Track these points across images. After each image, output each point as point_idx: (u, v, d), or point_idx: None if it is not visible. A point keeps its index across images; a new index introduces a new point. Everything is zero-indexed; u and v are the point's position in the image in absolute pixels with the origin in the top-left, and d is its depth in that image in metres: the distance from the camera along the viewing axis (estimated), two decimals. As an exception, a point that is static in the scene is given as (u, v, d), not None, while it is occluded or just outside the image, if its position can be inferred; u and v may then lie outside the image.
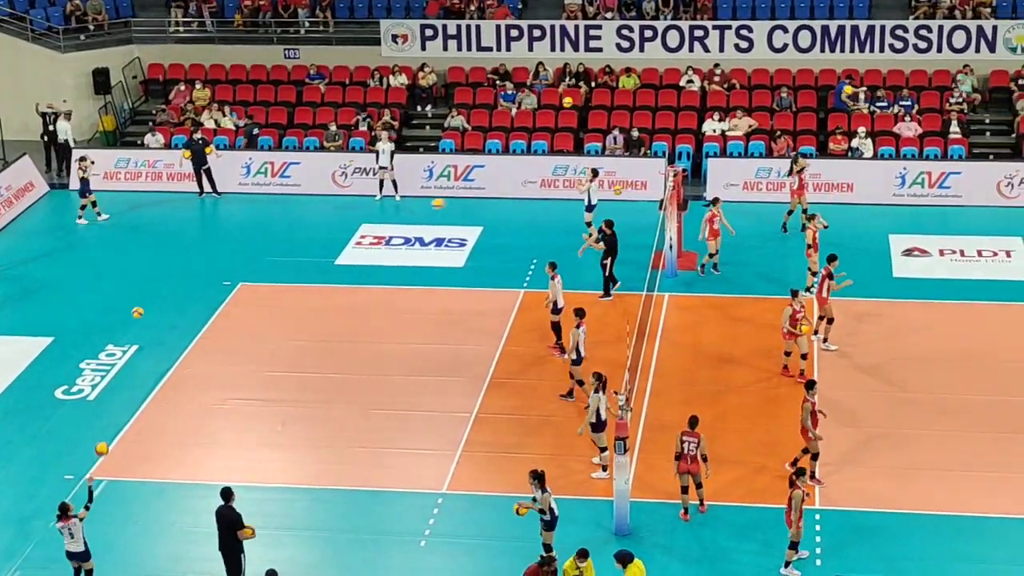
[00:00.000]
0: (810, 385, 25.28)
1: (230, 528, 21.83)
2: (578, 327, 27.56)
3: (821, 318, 30.19)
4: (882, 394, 28.43)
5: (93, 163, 37.98)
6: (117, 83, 44.12)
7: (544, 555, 21.19)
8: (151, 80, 45.29)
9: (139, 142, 42.43)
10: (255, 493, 24.73)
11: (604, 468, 25.32)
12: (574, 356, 27.67)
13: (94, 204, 37.95)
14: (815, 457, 24.81)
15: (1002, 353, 29.91)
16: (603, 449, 25.30)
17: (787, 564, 22.64)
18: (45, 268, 35.89)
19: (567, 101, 39.59)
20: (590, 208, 35.38)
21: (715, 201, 33.57)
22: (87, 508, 21.84)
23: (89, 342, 31.31)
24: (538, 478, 22.28)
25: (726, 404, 27.95)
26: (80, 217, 38.19)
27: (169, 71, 45.04)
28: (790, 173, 36.41)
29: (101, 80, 43.59)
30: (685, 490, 24.19)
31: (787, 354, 28.56)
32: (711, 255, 33.63)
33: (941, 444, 26.55)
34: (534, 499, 22.26)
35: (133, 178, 40.93)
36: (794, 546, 22.57)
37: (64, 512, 21.81)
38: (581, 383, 27.40)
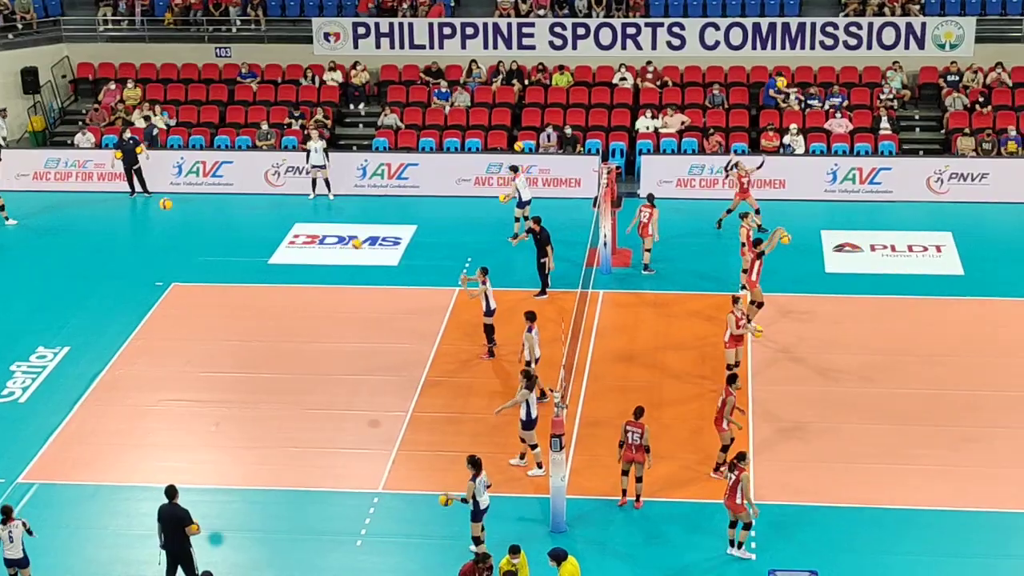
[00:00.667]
0: (732, 380, 25.50)
1: (179, 525, 21.71)
2: (530, 330, 27.57)
3: (752, 302, 30.33)
4: (813, 388, 28.65)
5: None
6: (46, 82, 43.71)
7: (479, 552, 21.22)
8: (81, 79, 44.89)
9: (69, 142, 42.06)
10: (190, 495, 24.42)
11: (539, 465, 25.39)
12: (528, 359, 27.59)
13: (1, 208, 37.73)
14: (724, 449, 25.01)
15: (932, 348, 30.21)
16: (533, 447, 25.32)
17: (739, 545, 22.95)
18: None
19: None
20: (522, 204, 35.50)
21: (650, 198, 33.59)
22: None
23: (19, 344, 30.98)
24: (474, 463, 22.38)
25: (661, 401, 27.99)
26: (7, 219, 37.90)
27: (99, 70, 44.67)
28: (725, 174, 36.65)
29: (30, 79, 43.17)
30: (625, 473, 24.41)
31: (735, 364, 28.19)
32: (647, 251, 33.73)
33: (871, 437, 26.75)
34: (464, 499, 22.32)
35: (63, 178, 40.55)
36: (747, 526, 22.89)
37: (7, 515, 21.58)
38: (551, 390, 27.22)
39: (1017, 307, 32.09)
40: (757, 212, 35.05)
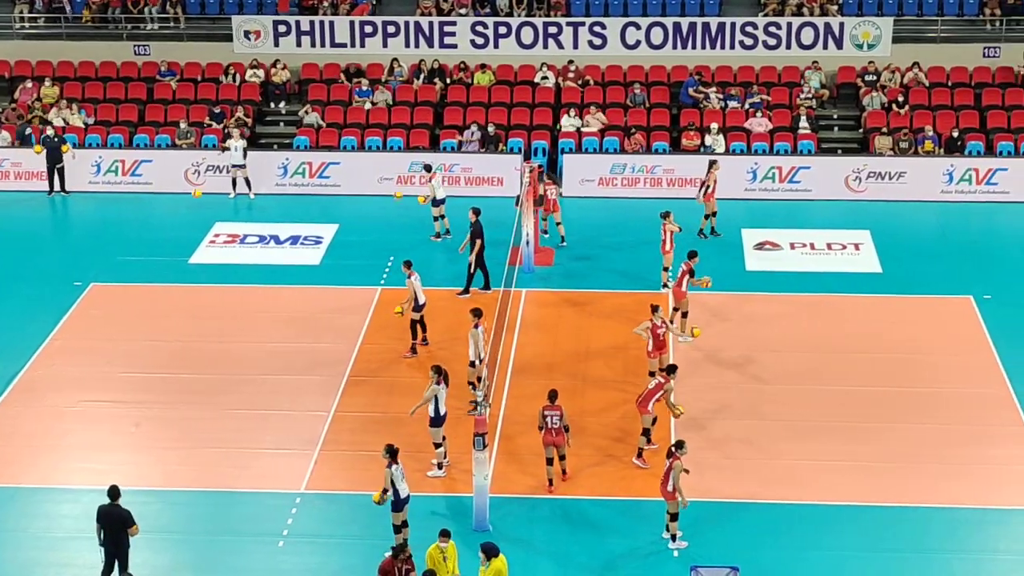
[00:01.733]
0: (671, 370, 25.80)
1: (122, 526, 21.63)
2: (476, 327, 27.47)
3: (676, 310, 30.55)
4: (735, 386, 28.85)
5: None
6: (-41, 81, 43.24)
7: (396, 545, 21.22)
8: (-5, 77, 44.45)
9: (-16, 140, 41.59)
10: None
11: (440, 466, 25.41)
12: (474, 358, 27.59)
13: None
14: (645, 432, 25.28)
15: (851, 345, 30.51)
16: (437, 446, 25.35)
17: (673, 537, 23.14)
18: None
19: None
20: (436, 203, 35.65)
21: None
22: None
23: (-65, 345, 30.69)
24: (390, 452, 22.50)
25: (584, 399, 28.11)
26: None
27: (15, 68, 44.08)
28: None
29: (-60, 78, 42.71)
30: (550, 462, 24.71)
31: (652, 374, 28.02)
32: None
33: (793, 434, 26.99)
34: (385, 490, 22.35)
35: (-23, 179, 40.18)
36: (674, 517, 23.08)
37: None
38: (473, 386, 27.17)
39: (934, 304, 32.51)
40: (714, 215, 35.42)
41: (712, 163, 36.02)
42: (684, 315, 30.41)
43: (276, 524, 24.19)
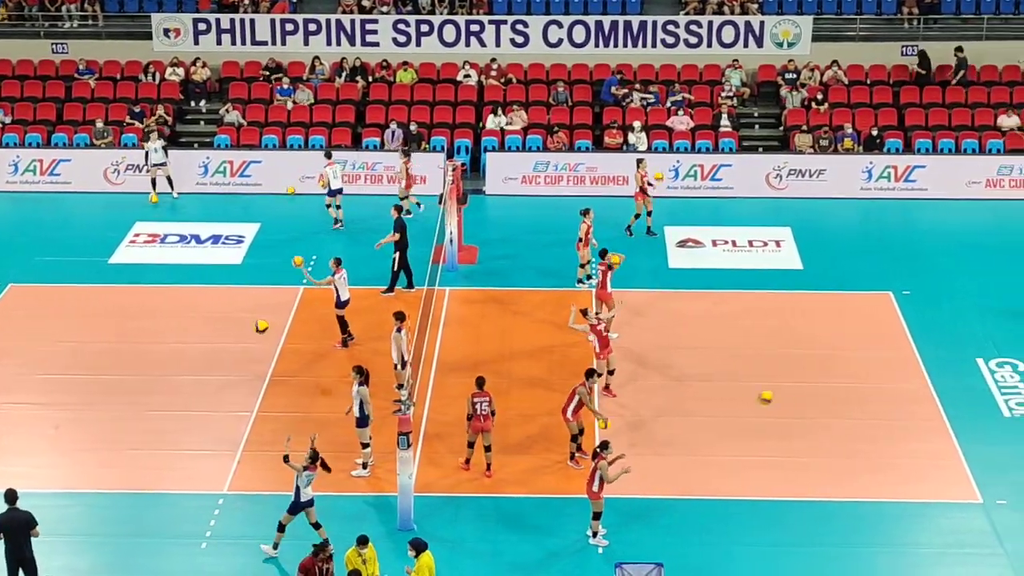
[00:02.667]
0: (590, 374, 25.78)
1: (25, 529, 21.26)
2: (399, 331, 27.33)
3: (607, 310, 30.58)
4: (658, 383, 28.97)
5: None
6: None
7: (316, 544, 21.17)
8: (-89, 75, 43.76)
9: (-101, 140, 41.00)
10: (28, 500, 23.92)
11: (364, 466, 25.34)
12: (397, 361, 27.47)
13: None
14: (574, 439, 25.25)
15: (773, 341, 30.73)
16: (365, 446, 25.27)
17: (595, 534, 23.24)
18: None
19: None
20: (332, 193, 35.95)
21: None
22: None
23: None
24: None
25: (510, 397, 28.07)
26: None
27: (-69, 66, 43.58)
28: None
29: None
30: (471, 444, 25.08)
31: (611, 373, 28.35)
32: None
33: (716, 430, 27.13)
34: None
35: None
36: (597, 516, 23.19)
37: None
38: (401, 387, 27.12)
39: (854, 300, 32.81)
40: (649, 214, 35.50)
41: (639, 161, 36.15)
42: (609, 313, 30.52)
43: (199, 526, 24.03)
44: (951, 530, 24.10)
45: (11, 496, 21.52)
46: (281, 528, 22.81)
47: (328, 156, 36.48)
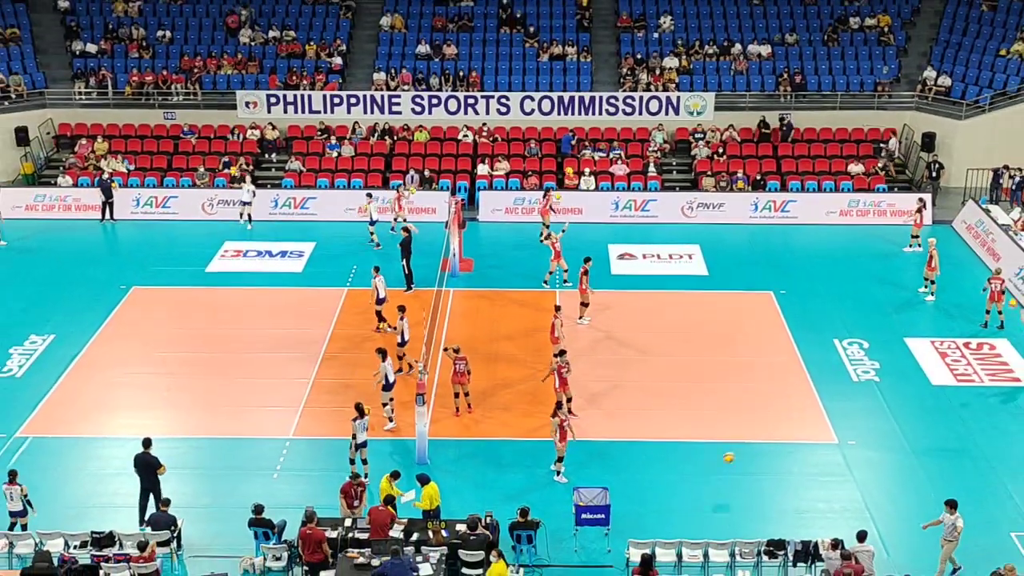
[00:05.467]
0: (561, 353, 25.72)
1: (151, 468, 21.46)
2: (402, 319, 27.44)
3: (584, 304, 30.63)
4: (606, 358, 29.00)
5: None
6: (34, 138, 42.19)
7: (352, 473, 21.37)
8: (61, 135, 43.32)
9: (53, 182, 40.70)
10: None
11: (391, 420, 25.31)
12: (399, 340, 27.51)
13: None
14: (559, 405, 25.17)
15: (687, 326, 30.82)
16: (385, 405, 25.23)
17: (558, 473, 23.27)
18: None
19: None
20: (372, 223, 35.74)
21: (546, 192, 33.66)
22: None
23: (15, 333, 30.00)
24: (358, 409, 22.83)
25: (496, 368, 28.15)
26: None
27: (75, 128, 43.19)
28: (543, 197, 36.83)
29: (21, 135, 41.68)
30: (456, 395, 25.53)
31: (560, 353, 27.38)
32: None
33: (647, 391, 27.22)
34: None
35: (48, 209, 39.18)
36: (559, 459, 23.21)
37: (12, 478, 21.00)
38: (402, 357, 27.42)
39: (745, 298, 32.84)
40: (547, 226, 35.56)
41: (547, 190, 36.79)
42: (585, 305, 30.56)
43: (272, 461, 24.12)
44: (815, 463, 24.28)
45: (146, 442, 21.72)
46: (352, 462, 22.88)
47: (369, 196, 36.29)
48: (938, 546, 20.30)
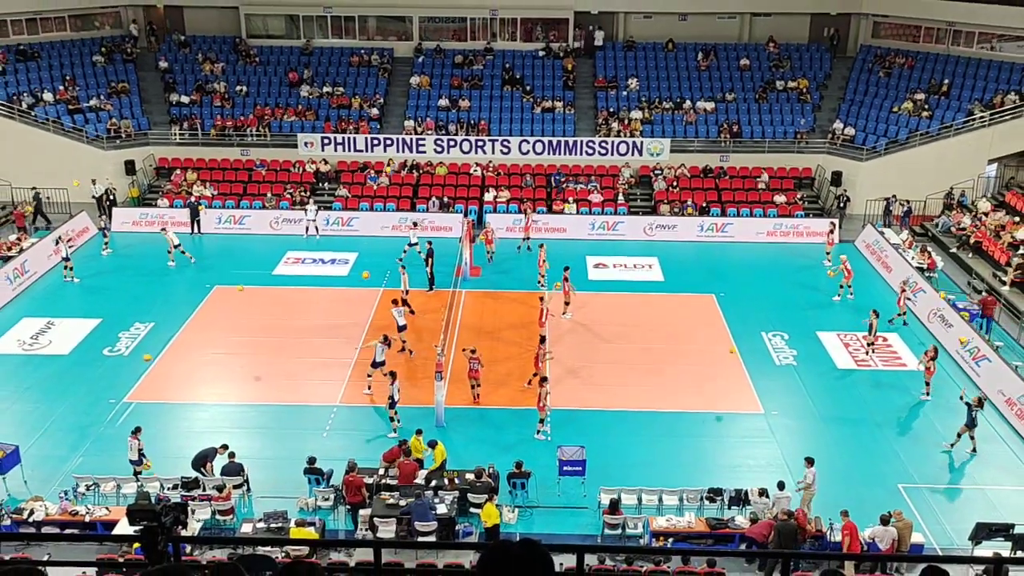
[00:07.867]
0: (543, 339, 25.73)
1: (202, 460, 21.30)
2: (399, 309, 27.73)
3: (567, 303, 30.61)
4: (584, 343, 28.98)
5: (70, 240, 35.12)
6: (139, 169, 42.25)
7: (400, 440, 21.23)
8: (160, 167, 43.39)
9: (153, 203, 40.71)
10: (227, 408, 24.11)
11: (369, 388, 25.22)
12: (398, 326, 27.68)
13: (106, 244, 36.46)
14: (544, 380, 25.21)
15: (647, 321, 30.77)
16: (369, 375, 25.15)
17: (539, 431, 23.25)
18: (98, 277, 34.10)
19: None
20: (411, 245, 35.47)
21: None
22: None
23: (123, 320, 30.05)
24: (391, 375, 23.06)
25: (499, 351, 28.11)
26: (105, 248, 36.60)
27: (171, 162, 43.25)
28: (525, 218, 36.85)
29: (130, 166, 41.78)
30: (473, 386, 25.07)
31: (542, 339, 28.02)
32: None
33: (614, 371, 27.21)
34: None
35: (150, 225, 39.12)
36: (542, 421, 23.22)
37: (135, 432, 21.15)
38: (404, 341, 27.45)
39: (693, 299, 32.83)
40: (527, 238, 35.39)
41: (525, 211, 36.77)
42: (567, 303, 30.56)
43: (322, 423, 24.11)
44: (746, 428, 24.30)
45: (231, 453, 21.28)
46: (392, 420, 22.80)
47: (415, 225, 36.32)
48: (835, 492, 20.32)
